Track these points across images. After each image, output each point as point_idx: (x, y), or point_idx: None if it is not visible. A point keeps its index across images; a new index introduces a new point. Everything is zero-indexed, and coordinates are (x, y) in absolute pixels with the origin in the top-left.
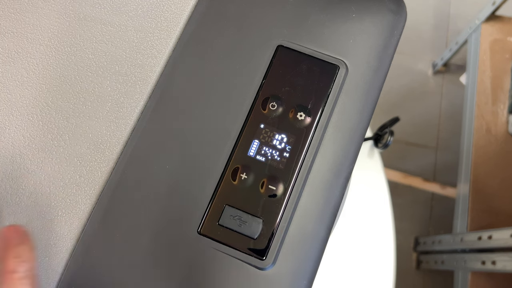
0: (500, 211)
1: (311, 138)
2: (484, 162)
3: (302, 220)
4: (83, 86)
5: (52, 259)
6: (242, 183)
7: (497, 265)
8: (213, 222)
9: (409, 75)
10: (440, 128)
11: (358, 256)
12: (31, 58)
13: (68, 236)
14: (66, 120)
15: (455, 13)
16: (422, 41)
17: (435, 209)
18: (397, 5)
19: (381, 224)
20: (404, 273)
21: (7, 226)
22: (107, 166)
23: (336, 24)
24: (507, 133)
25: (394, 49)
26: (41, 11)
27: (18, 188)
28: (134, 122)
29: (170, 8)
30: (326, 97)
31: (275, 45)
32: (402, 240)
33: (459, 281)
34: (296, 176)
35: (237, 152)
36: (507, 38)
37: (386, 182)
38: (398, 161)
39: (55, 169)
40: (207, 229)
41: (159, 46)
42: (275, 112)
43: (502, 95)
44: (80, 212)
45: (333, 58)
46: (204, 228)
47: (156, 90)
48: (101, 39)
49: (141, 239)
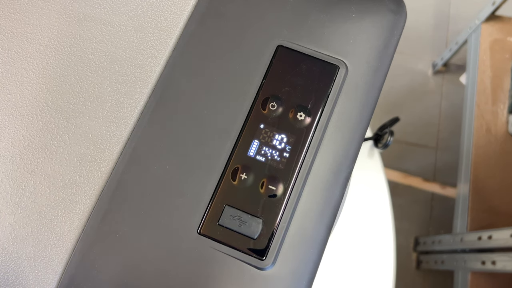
0: (500, 211)
1: (311, 138)
2: (484, 162)
3: (302, 220)
4: (83, 86)
5: (52, 259)
6: (242, 183)
7: (497, 265)
8: (213, 222)
9: (409, 75)
10: (440, 128)
11: (358, 256)
12: (31, 58)
13: (68, 236)
14: (66, 120)
15: (455, 13)
16: (422, 41)
17: (435, 209)
18: (397, 5)
19: (381, 224)
20: (404, 273)
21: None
22: (107, 166)
23: (336, 24)
24: (507, 133)
25: (394, 49)
26: (41, 11)
27: (18, 188)
28: (134, 122)
29: (170, 8)
30: (326, 97)
31: (275, 45)
32: (402, 240)
33: (459, 281)
34: (296, 176)
35: (237, 152)
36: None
37: (386, 182)
38: (398, 161)
39: (55, 169)
40: (207, 229)
41: (159, 46)
42: (275, 112)
43: (502, 95)
44: (80, 212)
45: (333, 58)
46: (204, 228)
47: (156, 90)
48: (101, 39)
49: (141, 239)
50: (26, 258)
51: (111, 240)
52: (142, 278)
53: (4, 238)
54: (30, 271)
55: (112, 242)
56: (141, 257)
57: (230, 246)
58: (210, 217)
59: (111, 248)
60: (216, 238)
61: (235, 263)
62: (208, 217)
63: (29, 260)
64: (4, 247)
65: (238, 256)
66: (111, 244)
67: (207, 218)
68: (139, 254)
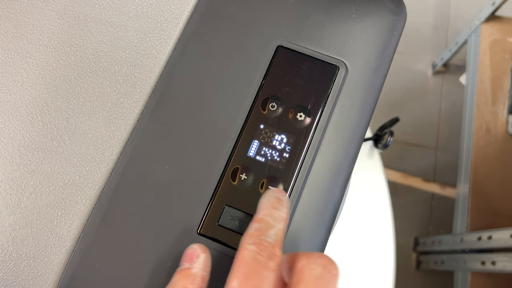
0: (500, 211)
1: (311, 138)
2: (484, 162)
3: (302, 221)
4: (83, 86)
5: (52, 259)
6: (241, 183)
7: (497, 265)
8: (212, 222)
9: (409, 75)
10: (440, 128)
11: (358, 256)
12: (31, 58)
13: (68, 236)
14: (66, 120)
15: (455, 14)
16: (422, 41)
17: (435, 209)
18: (397, 5)
19: (381, 224)
20: (404, 273)
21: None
22: (107, 166)
23: (336, 24)
24: (507, 133)
25: (394, 50)
26: (41, 11)
27: (18, 188)
28: (134, 123)
29: (170, 8)
30: (326, 98)
31: (275, 45)
32: (402, 240)
33: (459, 281)
34: (296, 176)
35: (236, 152)
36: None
37: (386, 182)
38: (398, 161)
39: (54, 169)
40: (206, 230)
41: (159, 46)
42: (275, 112)
43: (502, 95)
44: (79, 212)
45: (333, 59)
46: (204, 229)
47: (155, 91)
48: (101, 40)
49: (141, 239)
50: (26, 258)
51: (110, 240)
52: (142, 278)
53: (4, 238)
54: (30, 271)
55: (111, 243)
56: (140, 257)
57: (230, 246)
58: (210, 218)
59: (111, 248)
60: (216, 238)
61: None
62: (207, 217)
63: (29, 260)
64: (4, 247)
65: None
66: (111, 245)
67: (206, 219)
68: (139, 255)
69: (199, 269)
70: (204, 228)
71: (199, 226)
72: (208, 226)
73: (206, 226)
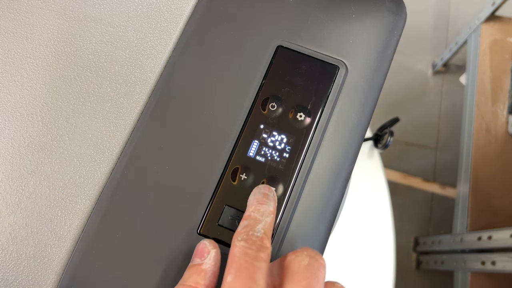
0: (500, 211)
1: (311, 138)
2: (484, 162)
3: (302, 221)
4: (83, 86)
5: (52, 259)
6: (242, 183)
7: (497, 265)
8: (212, 222)
9: (409, 75)
10: (440, 128)
11: (358, 256)
12: (31, 58)
13: (68, 236)
14: (66, 121)
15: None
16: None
17: (435, 209)
18: (396, 5)
19: (381, 224)
20: (404, 273)
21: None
22: (107, 166)
23: (336, 24)
24: (507, 133)
25: (394, 50)
26: (41, 11)
27: (18, 188)
28: (134, 123)
29: (170, 9)
30: (326, 98)
31: (275, 45)
32: (402, 240)
33: (459, 281)
34: (296, 176)
35: (236, 152)
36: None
37: (386, 182)
38: (398, 161)
39: (54, 169)
40: (206, 230)
41: (159, 46)
42: (275, 112)
43: (502, 95)
44: (79, 212)
45: (333, 59)
46: (204, 229)
47: (155, 91)
48: (101, 40)
49: (140, 239)
50: (26, 258)
51: (110, 240)
52: (142, 278)
53: (4, 239)
54: (30, 271)
55: (111, 243)
56: (140, 257)
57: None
58: (210, 218)
59: (111, 248)
60: (216, 238)
61: None
62: (208, 217)
63: (29, 260)
64: (4, 247)
65: None
66: (111, 245)
67: (207, 219)
68: (139, 255)
69: (210, 265)
70: (204, 228)
71: (199, 226)
72: (208, 226)
73: (206, 226)
